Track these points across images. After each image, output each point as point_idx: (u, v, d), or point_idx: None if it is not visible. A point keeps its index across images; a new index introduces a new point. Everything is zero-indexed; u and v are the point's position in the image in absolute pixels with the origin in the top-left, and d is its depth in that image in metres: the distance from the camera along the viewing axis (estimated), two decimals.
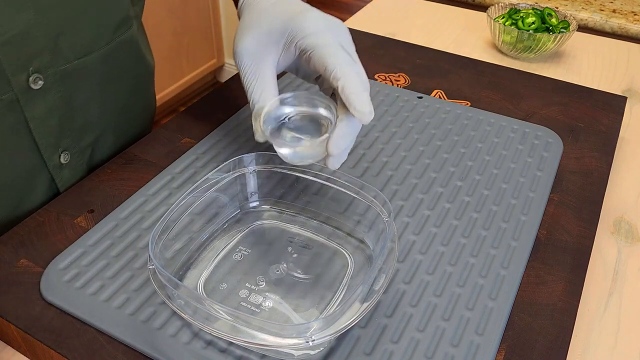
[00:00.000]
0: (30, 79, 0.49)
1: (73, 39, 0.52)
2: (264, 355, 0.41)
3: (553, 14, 0.91)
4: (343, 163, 0.47)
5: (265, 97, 0.48)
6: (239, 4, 0.53)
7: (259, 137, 0.49)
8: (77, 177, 0.59)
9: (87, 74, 0.55)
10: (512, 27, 0.88)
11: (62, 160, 0.56)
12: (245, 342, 0.39)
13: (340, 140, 0.44)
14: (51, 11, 0.49)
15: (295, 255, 0.49)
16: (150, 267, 0.42)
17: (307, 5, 0.50)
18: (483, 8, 1.10)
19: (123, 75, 0.61)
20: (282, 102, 0.48)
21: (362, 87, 0.44)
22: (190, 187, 0.48)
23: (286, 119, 0.48)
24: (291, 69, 0.53)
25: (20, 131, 0.51)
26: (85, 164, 0.60)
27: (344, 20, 1.01)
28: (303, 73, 0.53)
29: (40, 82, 0.50)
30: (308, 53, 0.47)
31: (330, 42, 0.46)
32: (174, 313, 0.43)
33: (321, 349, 0.41)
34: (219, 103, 0.69)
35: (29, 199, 0.55)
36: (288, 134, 0.47)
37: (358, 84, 0.44)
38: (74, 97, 0.55)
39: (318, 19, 0.48)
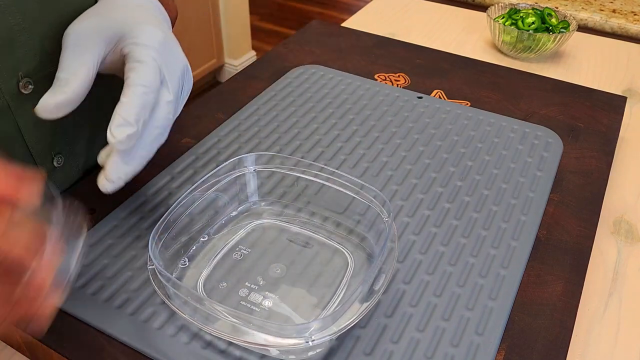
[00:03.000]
0: (21, 83, 0.48)
1: (59, 40, 0.50)
2: (263, 355, 0.41)
3: (553, 14, 0.91)
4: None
5: (76, 71, 0.44)
6: None
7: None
8: (70, 181, 0.58)
9: None
10: (512, 27, 0.88)
11: (55, 163, 0.55)
12: (245, 342, 0.39)
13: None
14: (36, 14, 0.48)
15: (295, 254, 0.49)
16: (150, 267, 0.42)
17: (158, 19, 0.48)
18: (483, 8, 1.10)
19: (106, 75, 0.60)
20: None
21: (141, 111, 0.42)
22: (190, 187, 0.48)
23: None
24: (112, 71, 0.50)
25: (12, 137, 0.50)
26: (80, 167, 0.59)
27: (343, 20, 1.01)
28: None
29: (31, 87, 0.49)
30: (127, 61, 0.45)
31: (150, 61, 0.44)
32: (174, 313, 0.43)
33: (321, 348, 0.41)
34: (219, 103, 0.69)
35: None
36: None
37: (138, 100, 0.42)
38: None
39: (157, 35, 0.46)
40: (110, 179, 0.44)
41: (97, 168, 0.60)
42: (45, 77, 0.51)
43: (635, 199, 0.62)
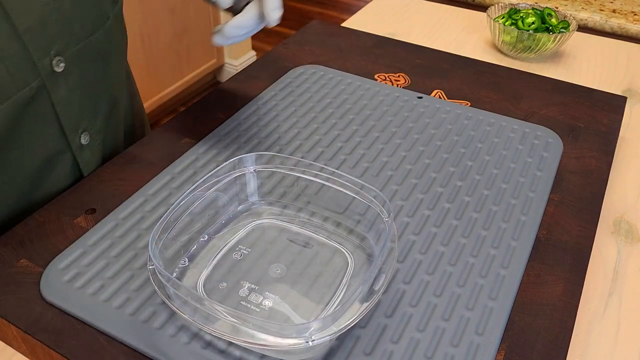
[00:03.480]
0: (53, 62, 0.51)
1: (82, 18, 0.54)
2: (263, 355, 0.41)
3: (553, 14, 0.91)
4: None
5: None
6: None
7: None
8: (96, 159, 0.61)
9: (96, 52, 0.58)
10: (512, 27, 0.88)
11: (82, 141, 0.58)
12: (245, 342, 0.39)
13: (234, 29, 0.54)
14: None
15: (295, 254, 0.49)
16: (150, 267, 0.42)
17: None
18: (483, 8, 1.10)
19: (118, 52, 0.63)
20: None
21: (279, 3, 0.52)
22: (190, 187, 0.48)
23: None
24: None
25: (48, 115, 0.53)
26: (101, 145, 0.62)
27: (343, 20, 1.01)
28: None
29: (62, 65, 0.52)
30: None
31: None
32: (174, 313, 0.43)
33: (321, 348, 0.41)
34: (219, 103, 0.69)
35: (52, 181, 0.57)
36: None
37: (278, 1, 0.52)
38: (88, 77, 0.57)
39: None
40: (231, 34, 0.54)
41: (113, 155, 0.62)
42: (73, 54, 0.54)
43: (635, 199, 0.62)
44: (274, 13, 0.52)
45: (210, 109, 0.68)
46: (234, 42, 0.55)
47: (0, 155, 0.51)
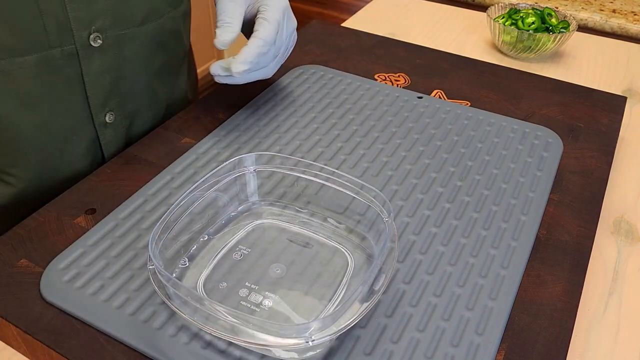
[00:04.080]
0: (91, 36, 0.56)
1: (132, 9, 0.58)
2: (264, 355, 0.41)
3: (553, 14, 0.91)
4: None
5: (235, 17, 0.59)
6: None
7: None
8: (117, 141, 0.64)
9: (141, 43, 0.61)
10: (512, 27, 0.88)
11: (107, 119, 0.61)
12: (245, 342, 0.39)
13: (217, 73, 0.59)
14: None
15: (295, 254, 0.49)
16: (150, 267, 0.42)
17: None
18: (483, 8, 1.10)
19: (166, 52, 0.66)
20: None
21: (256, 57, 0.57)
22: (190, 187, 0.48)
23: None
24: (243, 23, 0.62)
25: (75, 84, 0.57)
26: (125, 131, 0.64)
27: (343, 20, 1.01)
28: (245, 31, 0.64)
29: (99, 41, 0.56)
30: (258, 15, 0.60)
31: (274, 22, 0.59)
32: (174, 313, 0.43)
33: (321, 348, 0.41)
34: (219, 103, 0.69)
35: (72, 153, 0.60)
36: None
37: (257, 50, 0.57)
38: (126, 62, 0.60)
39: (283, 1, 0.61)
40: (215, 72, 0.59)
41: (136, 140, 0.64)
42: (115, 37, 0.58)
43: (635, 199, 0.62)
44: (238, 65, 0.56)
45: (210, 109, 0.68)
46: (226, 81, 0.59)
47: (33, 113, 0.55)
